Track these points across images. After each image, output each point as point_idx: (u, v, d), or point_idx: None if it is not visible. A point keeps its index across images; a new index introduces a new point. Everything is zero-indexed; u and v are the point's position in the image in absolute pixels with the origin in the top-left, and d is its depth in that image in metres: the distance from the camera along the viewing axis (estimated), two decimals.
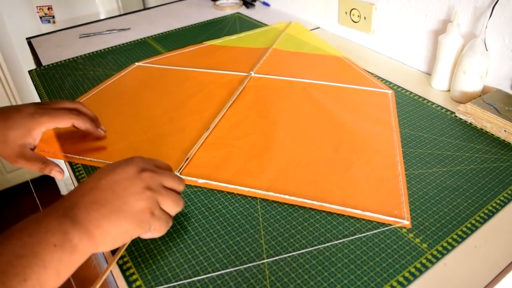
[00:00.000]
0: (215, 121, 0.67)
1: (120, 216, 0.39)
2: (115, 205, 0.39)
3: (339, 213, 0.50)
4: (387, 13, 0.85)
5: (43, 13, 1.54)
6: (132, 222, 0.39)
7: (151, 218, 0.41)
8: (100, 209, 0.38)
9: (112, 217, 0.38)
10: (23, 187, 1.83)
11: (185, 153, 0.60)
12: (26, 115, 0.55)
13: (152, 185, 0.42)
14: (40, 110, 0.56)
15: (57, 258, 0.35)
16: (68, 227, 0.36)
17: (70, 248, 0.36)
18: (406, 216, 0.49)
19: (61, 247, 0.35)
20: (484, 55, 0.65)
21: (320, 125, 0.66)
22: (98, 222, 0.38)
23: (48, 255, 0.34)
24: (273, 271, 0.43)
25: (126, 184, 0.40)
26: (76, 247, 0.36)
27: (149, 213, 0.40)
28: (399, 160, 0.58)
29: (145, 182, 0.41)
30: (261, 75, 0.82)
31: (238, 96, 0.74)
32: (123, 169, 0.41)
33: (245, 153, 0.60)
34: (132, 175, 0.41)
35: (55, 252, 0.35)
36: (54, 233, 0.35)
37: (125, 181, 0.40)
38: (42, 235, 0.35)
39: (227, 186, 0.54)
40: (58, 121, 0.57)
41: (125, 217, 0.39)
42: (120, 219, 0.39)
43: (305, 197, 0.51)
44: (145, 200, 0.40)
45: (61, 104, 0.60)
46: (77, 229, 0.37)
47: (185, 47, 0.96)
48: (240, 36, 1.02)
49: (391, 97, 0.73)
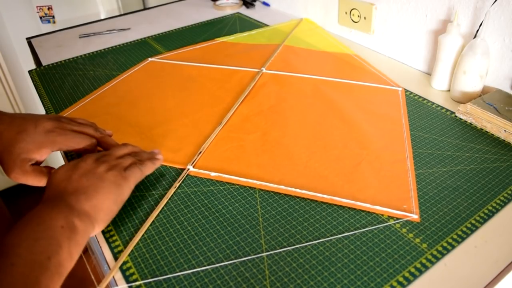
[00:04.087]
0: (228, 116, 0.68)
1: (103, 190, 0.45)
2: (93, 185, 0.45)
3: (349, 206, 0.50)
4: (387, 13, 0.85)
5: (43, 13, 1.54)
6: (113, 189, 0.46)
7: (124, 178, 0.48)
8: (85, 192, 0.44)
9: (98, 194, 0.45)
10: (23, 187, 1.83)
11: (198, 147, 0.61)
12: (42, 131, 0.52)
13: (109, 160, 0.49)
14: (58, 129, 0.53)
15: (67, 238, 0.40)
16: (67, 212, 0.42)
17: (74, 229, 0.41)
18: (415, 210, 0.49)
19: (68, 228, 0.40)
20: (484, 55, 0.65)
21: (330, 121, 0.67)
22: (88, 202, 0.44)
23: (60, 236, 0.39)
24: (273, 271, 0.43)
25: (92, 169, 0.47)
26: (78, 227, 0.41)
27: (120, 176, 0.47)
28: (408, 156, 0.58)
29: (104, 162, 0.49)
30: (272, 71, 0.83)
31: (250, 92, 0.76)
32: (84, 162, 0.48)
33: (257, 148, 0.61)
34: (92, 162, 0.48)
35: (64, 233, 0.40)
36: (58, 218, 0.41)
37: (90, 168, 0.47)
38: (49, 222, 0.40)
39: (239, 179, 0.55)
40: (74, 146, 0.53)
41: (107, 190, 0.46)
42: (104, 193, 0.45)
43: (315, 191, 0.52)
44: (111, 169, 0.48)
45: (84, 128, 0.55)
46: (75, 212, 0.42)
47: (197, 44, 0.98)
48: (252, 33, 1.03)
49: (401, 94, 0.74)
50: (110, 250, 0.47)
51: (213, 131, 0.65)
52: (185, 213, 0.51)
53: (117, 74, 0.85)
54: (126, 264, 0.45)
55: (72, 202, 0.43)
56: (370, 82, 0.78)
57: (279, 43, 0.95)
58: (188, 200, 0.53)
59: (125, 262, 0.45)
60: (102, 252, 0.47)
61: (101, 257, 0.48)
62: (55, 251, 0.38)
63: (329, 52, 0.91)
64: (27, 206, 1.75)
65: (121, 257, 0.45)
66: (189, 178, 0.56)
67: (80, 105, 0.74)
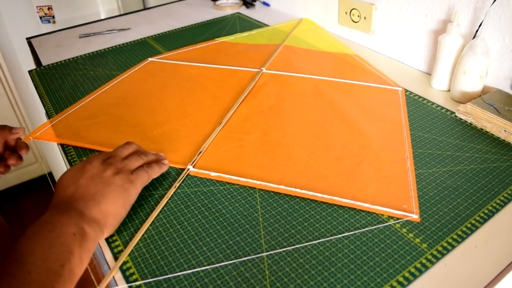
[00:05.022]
0: (227, 116, 0.68)
1: (111, 195, 0.46)
2: (101, 190, 0.45)
3: (349, 206, 0.50)
4: (387, 13, 0.85)
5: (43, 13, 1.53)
6: (120, 193, 0.46)
7: (131, 181, 0.48)
8: (93, 198, 0.45)
9: (105, 200, 0.45)
10: (23, 187, 1.83)
11: (198, 147, 0.61)
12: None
13: (116, 163, 0.49)
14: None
15: (78, 245, 0.40)
16: (77, 219, 0.42)
17: (85, 235, 0.41)
18: (415, 210, 0.49)
19: (79, 235, 0.41)
20: (484, 55, 0.65)
21: (330, 121, 0.67)
22: (97, 208, 0.44)
23: (72, 243, 0.40)
24: (273, 271, 0.43)
25: (99, 173, 0.47)
26: (88, 234, 0.42)
27: (127, 179, 0.48)
28: (408, 156, 0.58)
29: (111, 164, 0.49)
30: (272, 71, 0.83)
31: (250, 92, 0.76)
32: (90, 165, 0.48)
33: (257, 148, 0.61)
34: (99, 165, 0.48)
35: (76, 240, 0.40)
36: (69, 225, 0.41)
37: (97, 172, 0.47)
38: (61, 228, 0.40)
39: (239, 179, 0.55)
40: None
41: (115, 194, 0.46)
42: (112, 198, 0.46)
43: (315, 191, 0.52)
44: (118, 173, 0.48)
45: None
46: (84, 218, 0.43)
47: (197, 44, 0.98)
48: (252, 33, 1.03)
49: (401, 94, 0.74)
50: (110, 250, 0.46)
51: (213, 131, 0.65)
52: (185, 213, 0.51)
53: (117, 74, 0.85)
54: (126, 264, 0.45)
55: (81, 208, 0.43)
56: (370, 82, 0.78)
57: (279, 43, 0.95)
58: (188, 200, 0.53)
59: (125, 262, 0.45)
60: (102, 252, 0.47)
61: (101, 257, 0.48)
62: (67, 258, 0.39)
63: (329, 52, 0.91)
64: (27, 206, 1.75)
65: (121, 257, 0.45)
66: (189, 178, 0.56)
67: (80, 105, 0.74)
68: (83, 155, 0.61)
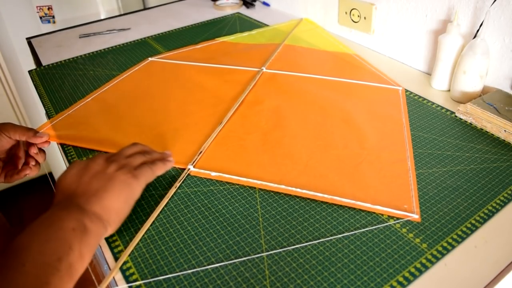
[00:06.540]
0: (228, 115, 0.68)
1: (114, 190, 0.45)
2: (104, 186, 0.45)
3: (349, 206, 0.50)
4: (387, 13, 0.85)
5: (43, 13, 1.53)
6: (123, 189, 0.46)
7: (134, 176, 0.47)
8: (95, 194, 0.44)
9: (108, 195, 0.44)
10: (23, 187, 1.83)
11: (199, 147, 0.61)
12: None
13: (119, 159, 0.49)
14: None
15: (78, 240, 0.40)
16: (78, 214, 0.41)
17: (85, 230, 0.41)
18: (415, 210, 0.49)
19: (79, 230, 0.40)
20: (484, 55, 0.65)
21: (331, 121, 0.67)
22: (99, 204, 0.43)
23: (71, 238, 0.39)
24: (273, 271, 0.43)
25: (102, 170, 0.47)
26: (90, 229, 0.41)
27: (130, 174, 0.47)
28: (409, 156, 0.58)
29: (114, 161, 0.48)
30: (272, 70, 0.83)
31: (250, 91, 0.76)
32: (94, 162, 0.48)
33: (257, 147, 0.61)
34: (103, 162, 0.48)
35: (75, 235, 0.40)
36: (69, 220, 0.40)
37: (100, 169, 0.47)
38: (59, 223, 0.40)
39: (239, 179, 0.55)
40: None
41: (118, 190, 0.45)
42: (115, 193, 0.45)
43: (316, 191, 0.52)
44: (122, 169, 0.47)
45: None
46: (86, 214, 0.42)
47: (197, 43, 0.98)
48: (252, 33, 1.03)
49: (402, 94, 0.74)
50: (110, 251, 0.46)
51: (214, 131, 0.65)
52: (185, 213, 0.51)
53: (117, 74, 0.85)
54: (126, 264, 0.45)
55: (82, 204, 0.43)
56: (370, 81, 0.78)
57: (279, 43, 0.95)
58: (188, 200, 0.53)
59: (125, 262, 0.45)
60: (103, 252, 0.47)
61: (102, 258, 0.48)
62: (65, 252, 0.38)
63: (330, 52, 0.91)
64: (27, 206, 1.75)
65: (121, 258, 0.45)
66: (189, 178, 0.56)
67: (80, 105, 0.74)
68: (83, 155, 0.61)
